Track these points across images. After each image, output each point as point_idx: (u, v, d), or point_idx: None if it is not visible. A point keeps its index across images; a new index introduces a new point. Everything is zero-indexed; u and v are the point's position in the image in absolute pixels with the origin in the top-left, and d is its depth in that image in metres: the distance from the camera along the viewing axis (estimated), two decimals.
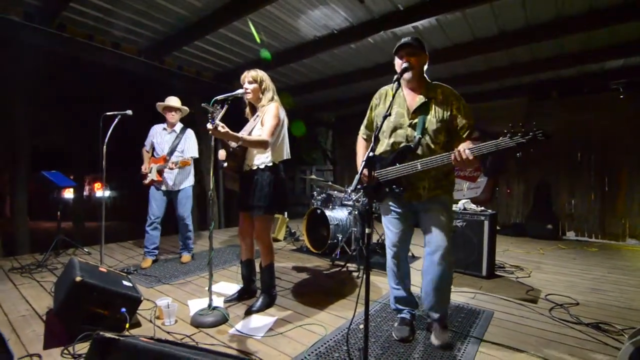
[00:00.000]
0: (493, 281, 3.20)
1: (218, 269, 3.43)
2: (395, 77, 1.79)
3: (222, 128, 1.97)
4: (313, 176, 4.67)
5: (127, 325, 1.95)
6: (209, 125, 1.95)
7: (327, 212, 4.01)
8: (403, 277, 2.11)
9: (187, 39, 4.44)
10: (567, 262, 4.02)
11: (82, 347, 1.82)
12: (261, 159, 2.30)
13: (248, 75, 2.36)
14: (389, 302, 2.57)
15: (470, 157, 1.67)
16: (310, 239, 4.31)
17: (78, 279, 1.86)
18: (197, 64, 5.42)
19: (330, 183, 4.45)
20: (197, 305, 2.46)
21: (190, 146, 3.42)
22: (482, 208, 3.46)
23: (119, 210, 10.94)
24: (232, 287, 2.88)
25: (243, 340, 1.97)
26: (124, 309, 1.99)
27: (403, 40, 1.84)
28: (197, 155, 3.46)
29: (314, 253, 4.15)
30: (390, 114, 1.70)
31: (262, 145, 2.18)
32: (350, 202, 3.98)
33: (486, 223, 3.27)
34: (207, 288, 2.83)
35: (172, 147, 3.36)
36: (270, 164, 2.30)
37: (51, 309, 2.31)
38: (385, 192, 1.96)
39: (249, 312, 2.32)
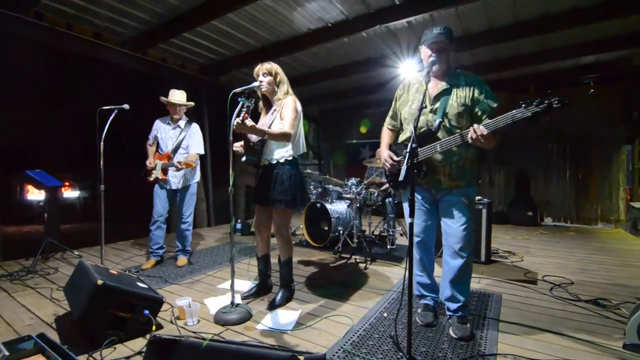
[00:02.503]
0: (492, 266, 3.37)
1: (223, 266, 3.37)
2: (426, 70, 1.82)
3: (249, 122, 1.93)
4: (308, 170, 4.67)
5: (154, 328, 1.88)
6: (237, 120, 1.91)
7: (328, 206, 4.03)
8: (426, 265, 2.17)
9: (175, 31, 4.25)
10: (552, 246, 4.31)
11: (109, 353, 1.74)
12: (281, 153, 2.28)
13: (262, 68, 2.31)
14: (405, 290, 2.65)
15: (485, 132, 1.65)
16: (309, 233, 4.32)
17: (99, 282, 1.77)
18: (182, 56, 5.22)
19: (328, 177, 4.47)
20: (214, 303, 2.41)
21: (195, 142, 3.30)
22: (479, 197, 3.61)
23: (93, 211, 10.35)
24: (243, 284, 2.84)
25: (274, 335, 1.96)
26: (147, 311, 1.92)
27: (435, 31, 1.85)
28: (202, 152, 3.34)
29: (314, 247, 4.17)
30: (425, 106, 1.74)
31: (286, 137, 2.16)
32: (350, 195, 4.02)
33: (484, 211, 3.42)
34: (218, 286, 2.82)
35: (176, 143, 3.23)
36: (290, 158, 2.30)
37: (60, 316, 2.18)
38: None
39: (271, 307, 2.30)
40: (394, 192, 4.21)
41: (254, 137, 2.25)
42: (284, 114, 2.23)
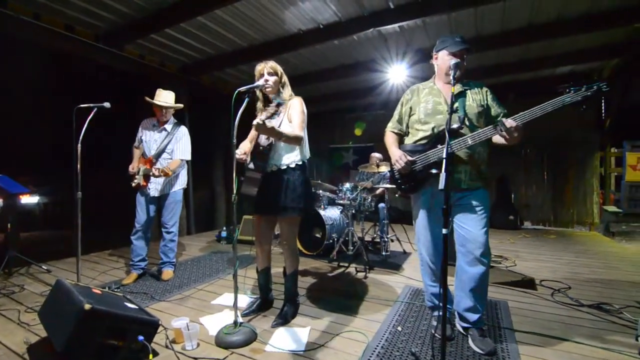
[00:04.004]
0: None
1: (213, 278, 3.12)
2: (452, 72, 1.76)
3: (269, 123, 1.78)
4: None
5: (151, 357, 1.65)
6: (258, 120, 1.75)
7: (321, 212, 3.89)
8: (439, 275, 2.08)
9: (157, 26, 3.98)
10: (538, 250, 4.41)
11: None
12: (291, 158, 2.13)
13: (267, 66, 2.14)
14: (410, 301, 2.56)
15: (515, 124, 1.69)
16: (301, 240, 4.15)
17: (87, 306, 1.53)
18: (162, 54, 4.90)
19: (319, 182, 4.34)
20: (212, 322, 2.20)
21: (181, 147, 3.03)
22: None
23: (55, 218, 9.60)
24: (240, 298, 2.61)
25: (286, 358, 1.79)
26: (141, 337, 1.69)
27: (458, 39, 1.89)
28: (189, 158, 3.08)
29: (307, 255, 4.00)
30: (456, 110, 1.73)
31: (298, 141, 2.03)
32: (344, 201, 3.90)
33: None
34: (212, 302, 2.60)
35: (160, 147, 2.95)
36: (300, 163, 2.16)
37: (33, 344, 1.88)
38: (423, 179, 1.96)
39: (277, 325, 2.13)
40: (388, 197, 4.17)
41: (263, 140, 2.09)
42: (293, 116, 2.09)
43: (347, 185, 3.96)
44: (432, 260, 2.05)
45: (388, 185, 4.14)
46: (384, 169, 3.96)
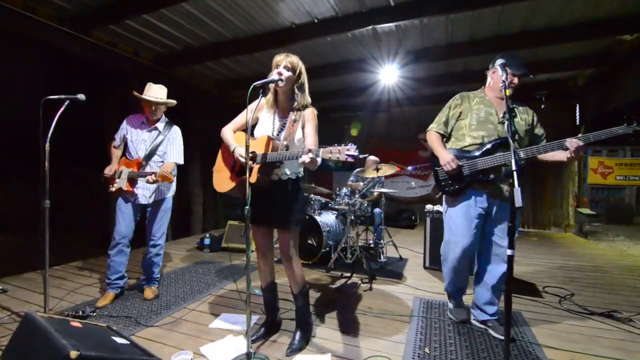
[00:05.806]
0: None
1: (204, 295, 2.79)
2: (508, 92, 1.82)
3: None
4: None
5: None
6: (311, 155, 1.59)
7: (317, 218, 3.66)
8: (462, 281, 2.27)
9: (133, 10, 3.56)
10: (526, 253, 4.48)
11: None
12: (299, 168, 1.97)
13: (286, 60, 1.87)
14: (426, 316, 2.41)
15: (582, 143, 1.81)
16: None
17: (74, 354, 1.20)
18: (135, 42, 4.42)
19: (313, 185, 4.11)
20: (217, 353, 1.90)
21: (175, 149, 2.65)
22: None
23: None
24: (237, 319, 2.34)
25: None
26: None
27: (519, 61, 2.03)
28: (181, 161, 2.70)
29: (302, 264, 3.74)
30: (506, 119, 1.70)
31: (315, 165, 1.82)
32: (342, 206, 3.70)
33: None
34: (209, 325, 2.30)
35: (150, 149, 2.56)
36: (302, 175, 2.02)
37: None
38: (468, 184, 2.05)
39: (293, 352, 1.88)
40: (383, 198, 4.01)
41: (280, 145, 1.85)
42: (308, 133, 1.88)
43: (345, 189, 3.76)
44: (462, 259, 2.12)
45: (384, 190, 4.01)
46: (383, 172, 3.82)
